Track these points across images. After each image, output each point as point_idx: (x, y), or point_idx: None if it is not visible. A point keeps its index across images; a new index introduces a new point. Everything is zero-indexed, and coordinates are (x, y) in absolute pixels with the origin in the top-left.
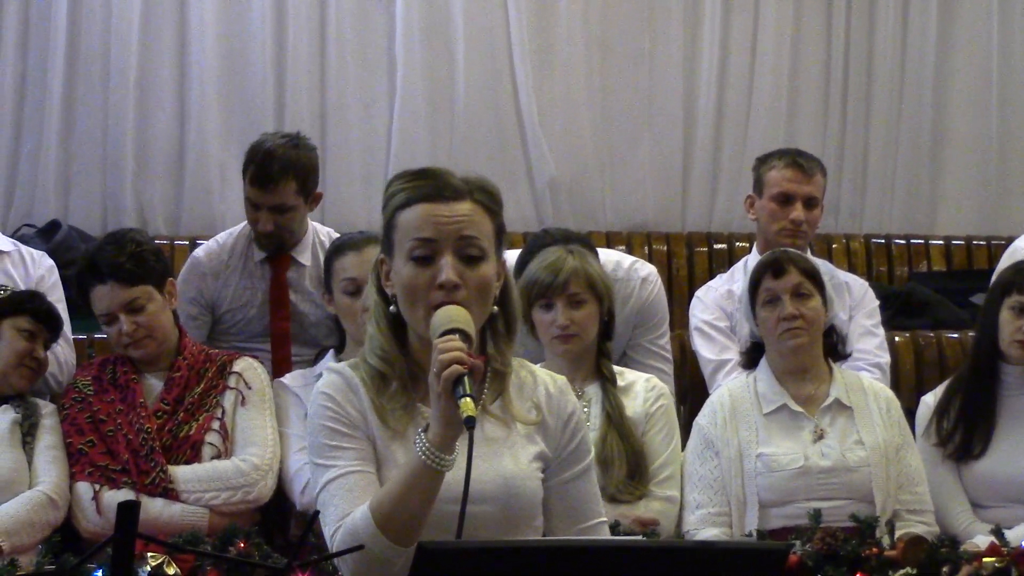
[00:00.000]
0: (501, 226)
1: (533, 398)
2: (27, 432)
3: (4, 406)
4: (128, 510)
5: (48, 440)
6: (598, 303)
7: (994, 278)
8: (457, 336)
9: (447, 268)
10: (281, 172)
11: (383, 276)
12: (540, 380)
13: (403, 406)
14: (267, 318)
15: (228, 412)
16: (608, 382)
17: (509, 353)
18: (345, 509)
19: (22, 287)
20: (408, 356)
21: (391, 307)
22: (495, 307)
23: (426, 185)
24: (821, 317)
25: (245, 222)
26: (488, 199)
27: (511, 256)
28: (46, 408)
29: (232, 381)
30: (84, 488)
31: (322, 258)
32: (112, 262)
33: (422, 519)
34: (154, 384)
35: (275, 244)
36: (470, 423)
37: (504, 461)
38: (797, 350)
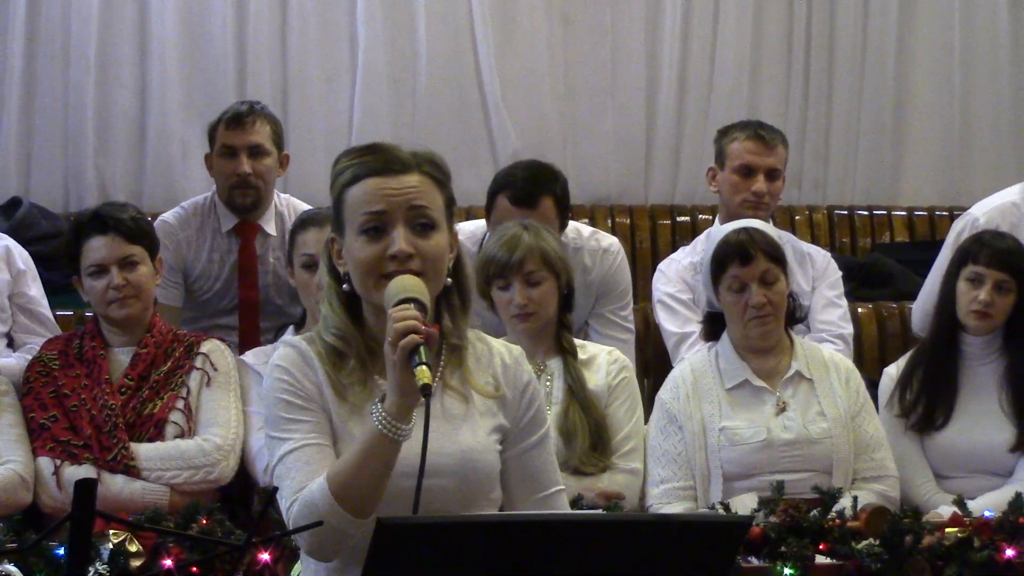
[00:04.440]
0: (451, 198)
1: (490, 370)
2: None
3: None
4: (85, 488)
5: (9, 418)
6: (555, 279)
7: (946, 245)
8: (412, 305)
9: (399, 239)
10: (256, 113)
11: (334, 255)
12: (496, 351)
13: (361, 381)
14: (232, 292)
15: (193, 392)
16: (569, 355)
17: (465, 326)
18: (302, 481)
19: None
20: (364, 332)
21: (344, 285)
22: (449, 279)
23: (373, 160)
24: (785, 296)
25: (205, 194)
26: (436, 171)
27: (472, 228)
28: (1, 383)
29: (199, 362)
30: (45, 463)
31: (287, 227)
32: (116, 217)
33: (380, 490)
34: (121, 360)
35: (252, 198)
36: (426, 391)
37: (462, 435)
38: (766, 335)
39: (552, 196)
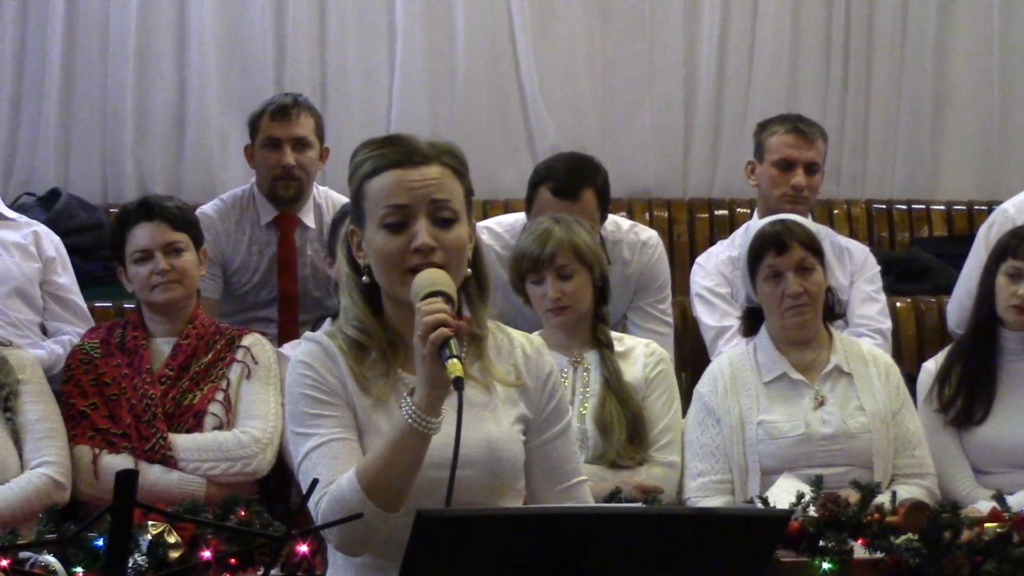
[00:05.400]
0: (470, 189)
1: (511, 360)
2: (6, 401)
3: None
4: (126, 479)
5: (36, 411)
6: (588, 271)
7: (978, 240)
8: (440, 298)
9: (422, 232)
10: (300, 106)
11: (354, 247)
12: (517, 342)
13: (383, 374)
14: (270, 284)
15: (233, 384)
16: (606, 348)
17: (484, 316)
18: (330, 476)
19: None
20: (385, 325)
21: (363, 277)
22: (468, 270)
23: (393, 152)
24: (823, 288)
25: (244, 186)
26: (455, 162)
27: (512, 220)
28: (23, 370)
29: (240, 355)
30: (85, 452)
31: (326, 220)
32: (162, 205)
33: (409, 484)
34: (163, 350)
35: (295, 190)
36: (459, 384)
37: (487, 425)
38: (803, 325)
39: (594, 188)
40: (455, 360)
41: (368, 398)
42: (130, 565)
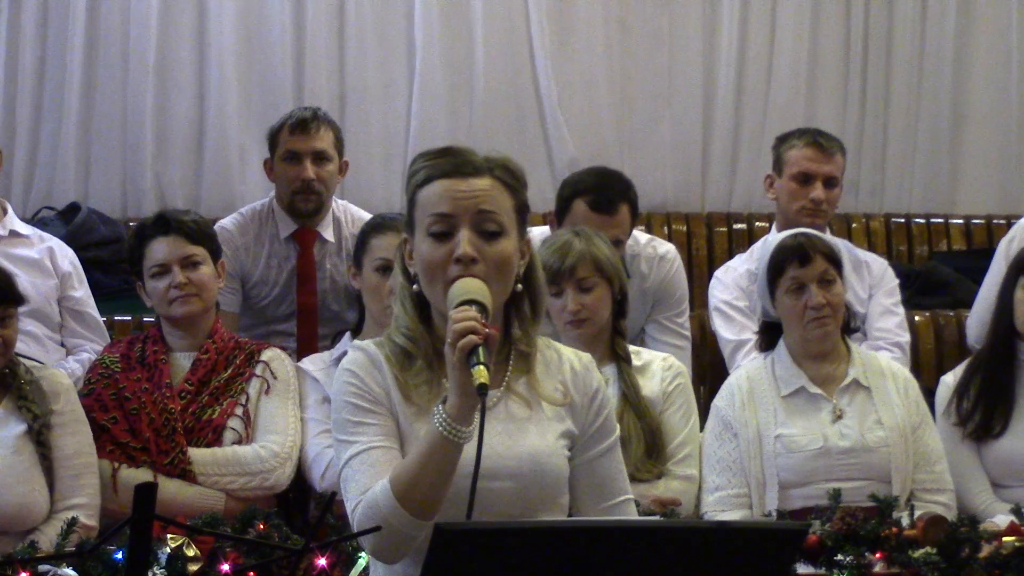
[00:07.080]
0: (524, 204)
1: (559, 377)
2: (39, 434)
3: (2, 413)
4: (146, 492)
5: (70, 444)
6: (608, 284)
7: (997, 254)
8: (472, 307)
9: (463, 242)
10: (319, 120)
11: (406, 255)
12: (565, 358)
13: (427, 382)
14: (289, 298)
15: (252, 399)
16: (623, 362)
17: (535, 334)
18: (367, 484)
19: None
20: (432, 334)
21: (414, 286)
22: (519, 286)
23: (446, 163)
24: (843, 300)
25: (263, 200)
26: (509, 176)
27: (536, 234)
28: (57, 398)
29: (259, 369)
30: (104, 465)
31: (345, 234)
32: (179, 219)
33: (442, 492)
34: (182, 365)
35: (315, 203)
36: (482, 390)
37: (530, 438)
38: (824, 338)
39: (628, 203)
40: (481, 367)
41: (412, 406)
42: None
